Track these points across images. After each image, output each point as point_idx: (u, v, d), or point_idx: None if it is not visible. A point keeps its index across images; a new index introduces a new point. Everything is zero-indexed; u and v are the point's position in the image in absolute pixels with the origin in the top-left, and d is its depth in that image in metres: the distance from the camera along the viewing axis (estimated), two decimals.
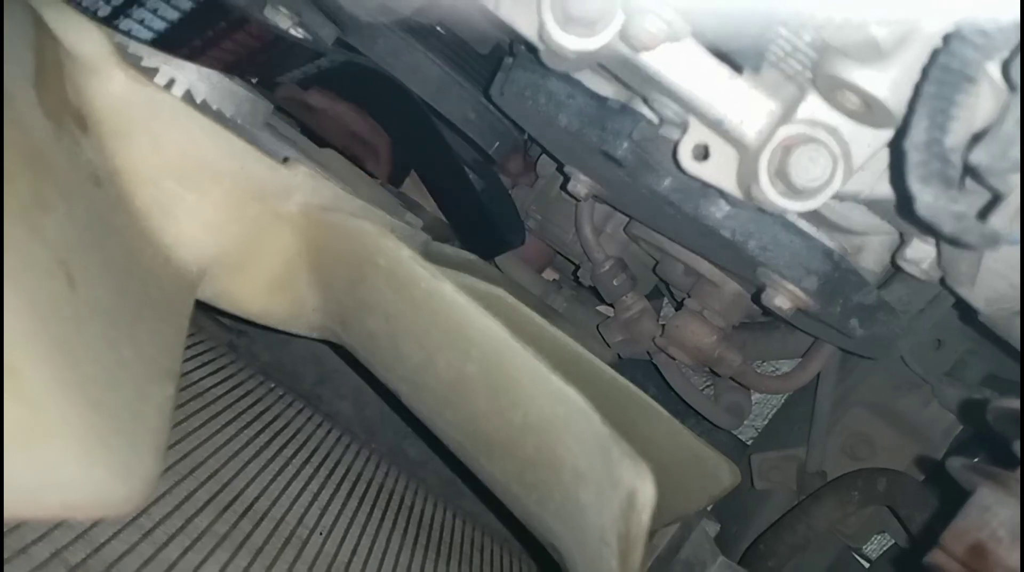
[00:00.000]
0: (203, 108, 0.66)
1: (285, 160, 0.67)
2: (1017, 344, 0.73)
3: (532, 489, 0.63)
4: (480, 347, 0.61)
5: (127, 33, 0.61)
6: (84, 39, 0.58)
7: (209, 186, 0.64)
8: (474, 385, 0.63)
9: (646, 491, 0.51)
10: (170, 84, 0.64)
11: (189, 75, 0.65)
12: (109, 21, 0.60)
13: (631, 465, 0.52)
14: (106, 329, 0.51)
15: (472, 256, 0.98)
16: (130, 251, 0.59)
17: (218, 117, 0.67)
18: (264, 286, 0.69)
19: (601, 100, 0.76)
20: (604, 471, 0.54)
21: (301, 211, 0.67)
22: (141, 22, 0.62)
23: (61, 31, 0.58)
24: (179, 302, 0.62)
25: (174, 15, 0.63)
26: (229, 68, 0.69)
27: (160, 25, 0.62)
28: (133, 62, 0.62)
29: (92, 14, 0.60)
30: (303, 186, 0.67)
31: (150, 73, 0.63)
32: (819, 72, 0.57)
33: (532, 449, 0.61)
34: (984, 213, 0.51)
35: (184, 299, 0.63)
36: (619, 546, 0.53)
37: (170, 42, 0.64)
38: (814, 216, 0.74)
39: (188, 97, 0.65)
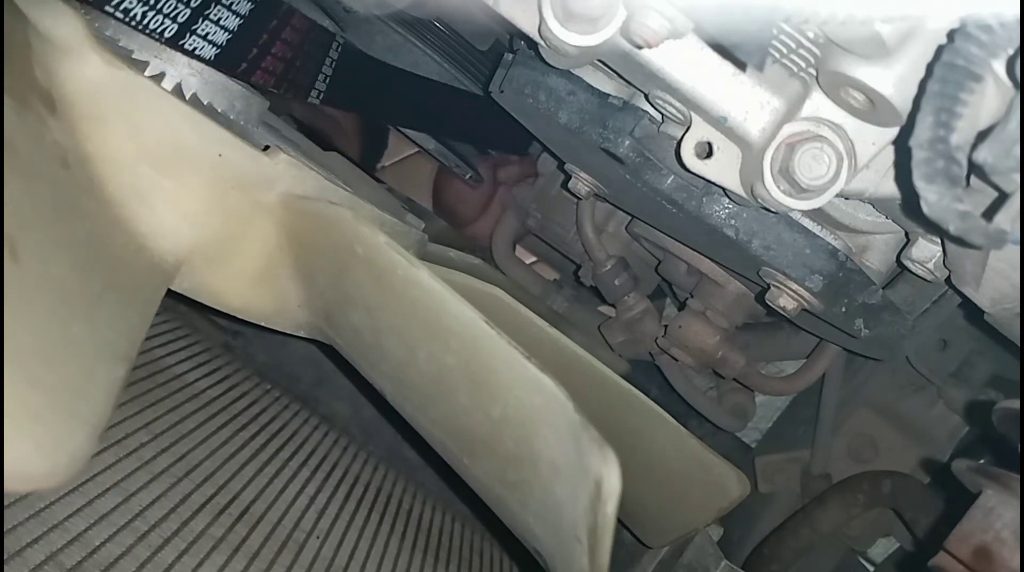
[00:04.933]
0: (193, 102, 0.65)
1: (266, 149, 0.66)
2: None
3: (514, 489, 0.62)
4: (459, 337, 0.61)
5: (191, 52, 0.61)
6: (59, 22, 0.57)
7: (187, 174, 0.63)
8: (454, 378, 0.63)
9: (611, 479, 0.49)
10: (160, 77, 0.63)
11: (180, 69, 0.64)
12: (175, 41, 0.60)
13: (598, 451, 0.50)
14: (57, 306, 0.50)
15: (476, 260, 0.98)
16: (98, 235, 0.58)
17: (208, 111, 0.66)
18: (246, 279, 0.68)
19: (602, 97, 0.76)
20: (576, 460, 0.53)
21: (281, 201, 0.66)
22: (205, 37, 0.61)
23: (35, 13, 0.57)
24: (149, 290, 0.61)
25: (235, 22, 0.63)
26: (279, 81, 0.68)
27: (222, 38, 0.62)
28: (124, 55, 0.61)
29: (159, 35, 0.59)
30: (285, 175, 0.66)
31: (140, 66, 0.62)
32: (823, 69, 0.57)
33: (512, 444, 0.60)
34: (990, 212, 0.50)
35: (155, 288, 0.62)
36: (588, 541, 0.52)
37: (231, 56, 0.64)
38: (818, 215, 0.74)
39: (178, 91, 0.65)
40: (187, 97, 0.65)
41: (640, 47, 0.59)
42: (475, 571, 0.97)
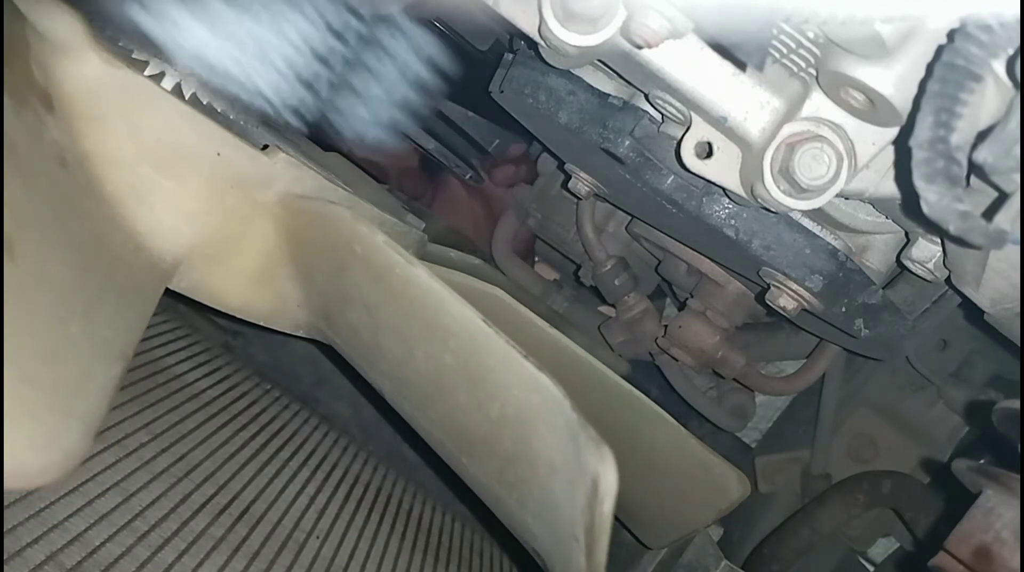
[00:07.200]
0: (193, 102, 0.65)
1: (265, 148, 0.66)
2: None
3: (512, 489, 0.62)
4: (457, 336, 0.60)
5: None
6: (57, 21, 0.57)
7: (186, 173, 0.63)
8: (453, 377, 0.62)
9: (608, 477, 0.49)
10: (159, 77, 0.63)
11: (180, 69, 0.64)
12: None
13: (595, 449, 0.50)
14: (55, 305, 0.51)
15: (476, 260, 0.97)
16: (96, 235, 0.58)
17: (207, 111, 0.66)
18: (244, 279, 0.68)
19: (602, 97, 0.76)
20: (574, 459, 0.52)
21: (280, 200, 0.66)
22: None
23: (33, 13, 0.57)
24: (147, 289, 0.61)
25: None
26: None
27: None
28: (123, 54, 0.61)
29: None
30: (283, 175, 0.66)
31: (140, 65, 0.62)
32: (823, 69, 0.57)
33: (510, 443, 0.60)
34: (990, 212, 0.50)
35: (154, 287, 0.62)
36: (586, 540, 0.52)
37: None
38: (818, 215, 0.74)
39: (177, 91, 0.65)
40: (186, 97, 0.65)
41: (640, 47, 0.59)
42: (475, 571, 0.96)
